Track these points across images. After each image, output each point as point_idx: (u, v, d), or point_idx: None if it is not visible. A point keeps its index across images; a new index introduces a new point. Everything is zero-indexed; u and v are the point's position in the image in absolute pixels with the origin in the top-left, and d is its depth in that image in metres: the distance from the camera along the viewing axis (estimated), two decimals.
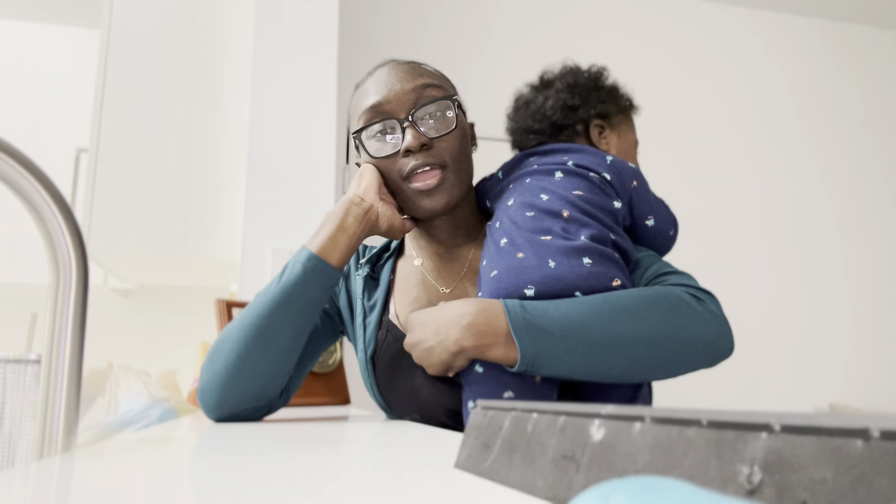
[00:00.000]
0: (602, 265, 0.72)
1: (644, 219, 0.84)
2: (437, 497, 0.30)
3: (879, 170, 3.06)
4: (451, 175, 0.81)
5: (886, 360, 2.86)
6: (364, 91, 0.85)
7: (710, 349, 0.71)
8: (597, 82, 0.94)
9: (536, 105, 0.93)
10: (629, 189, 0.83)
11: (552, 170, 0.83)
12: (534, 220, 0.76)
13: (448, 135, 0.81)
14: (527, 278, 0.71)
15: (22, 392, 0.74)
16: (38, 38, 2.38)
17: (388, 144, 0.82)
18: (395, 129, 0.81)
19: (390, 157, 0.81)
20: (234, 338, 0.75)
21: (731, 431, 0.20)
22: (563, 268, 0.70)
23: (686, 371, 0.72)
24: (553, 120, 0.91)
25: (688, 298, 0.72)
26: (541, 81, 0.97)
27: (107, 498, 0.30)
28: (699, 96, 2.89)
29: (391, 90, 0.81)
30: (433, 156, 0.80)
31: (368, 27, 2.52)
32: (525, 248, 0.73)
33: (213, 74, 1.78)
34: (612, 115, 0.93)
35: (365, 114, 0.82)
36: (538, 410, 0.30)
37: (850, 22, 3.15)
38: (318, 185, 1.60)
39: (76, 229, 0.55)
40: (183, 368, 1.73)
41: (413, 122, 0.80)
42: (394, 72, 0.84)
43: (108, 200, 1.65)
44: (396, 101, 0.81)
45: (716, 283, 2.70)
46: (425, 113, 0.81)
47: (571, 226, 0.74)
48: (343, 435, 0.59)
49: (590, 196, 0.78)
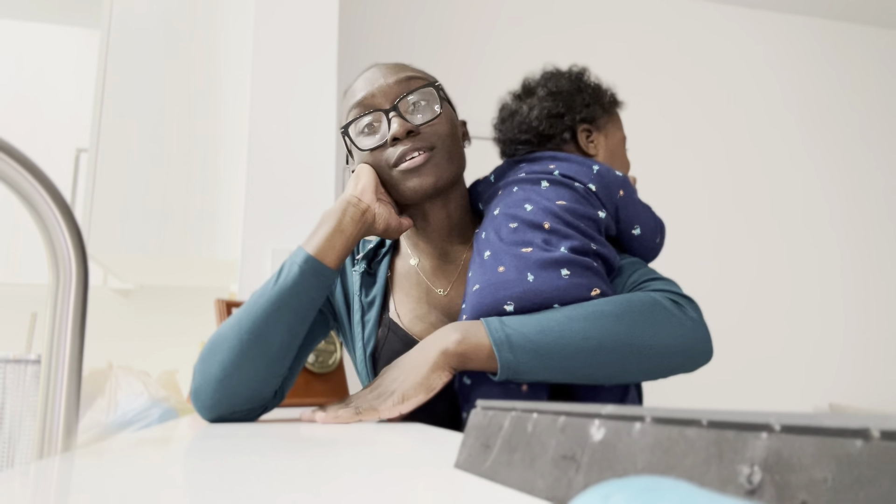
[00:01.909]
0: (581, 276, 0.73)
1: (630, 228, 0.86)
2: (437, 497, 0.30)
3: (880, 169, 3.06)
4: (439, 156, 0.82)
5: (886, 360, 2.86)
6: (351, 91, 0.86)
7: (687, 355, 0.73)
8: (579, 84, 0.93)
9: (521, 116, 0.93)
10: (615, 199, 0.84)
11: (538, 179, 0.84)
12: (515, 232, 0.78)
13: (434, 120, 0.82)
14: (506, 294, 0.73)
15: (22, 392, 0.74)
16: (38, 38, 2.38)
17: (376, 136, 0.83)
18: (380, 120, 0.83)
19: (379, 147, 0.82)
20: (230, 340, 0.75)
21: (731, 431, 0.20)
22: (542, 281, 0.72)
23: (665, 376, 0.74)
24: (540, 130, 0.92)
25: (667, 304, 0.73)
26: (523, 89, 0.97)
27: (107, 498, 0.30)
28: (699, 96, 2.89)
29: (375, 84, 0.83)
30: (420, 140, 0.81)
31: (368, 27, 2.52)
32: (506, 262, 0.75)
33: (212, 74, 1.78)
34: (597, 117, 0.93)
35: (352, 110, 0.84)
36: (538, 410, 0.30)
37: (850, 22, 3.15)
38: (318, 185, 1.60)
39: (76, 229, 0.55)
40: (183, 368, 1.72)
41: (398, 112, 0.81)
42: (378, 70, 0.86)
43: (108, 200, 1.65)
44: (381, 94, 0.82)
45: (716, 284, 2.71)
46: (410, 102, 0.83)
47: (552, 237, 0.76)
48: (343, 435, 0.59)
49: (574, 206, 0.80)
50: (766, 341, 2.73)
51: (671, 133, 2.81)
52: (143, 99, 1.72)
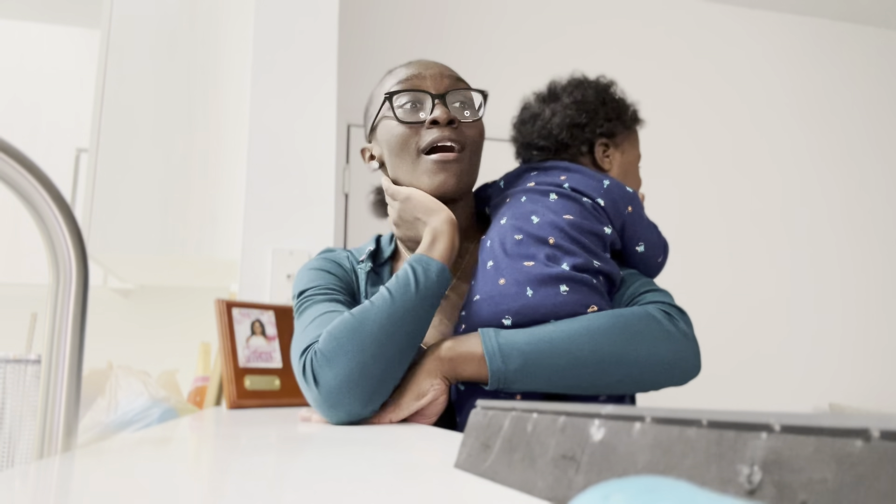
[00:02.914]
0: (579, 293, 0.75)
1: (635, 244, 0.87)
2: (437, 497, 0.30)
3: (879, 169, 3.06)
4: (466, 160, 0.84)
5: (886, 360, 2.86)
6: (397, 71, 0.88)
7: (676, 369, 0.75)
8: (604, 97, 0.93)
9: (543, 121, 0.93)
10: (623, 215, 0.85)
11: (547, 191, 0.85)
12: (520, 245, 0.79)
13: (474, 122, 0.85)
14: (505, 308, 0.74)
15: (22, 392, 0.74)
16: (38, 38, 2.38)
17: (416, 114, 0.84)
18: (424, 102, 0.84)
19: (414, 125, 0.83)
20: (375, 337, 0.70)
21: (731, 431, 0.20)
22: (540, 296, 0.74)
23: (655, 388, 0.76)
24: (559, 139, 0.92)
25: (660, 317, 0.75)
26: (549, 92, 0.97)
27: (107, 498, 0.30)
28: (699, 96, 2.89)
29: (428, 69, 0.86)
30: (457, 134, 0.83)
31: (369, 27, 2.52)
32: (506, 274, 0.77)
33: (213, 74, 1.78)
34: (617, 133, 0.93)
35: (401, 82, 0.85)
36: (538, 410, 0.30)
37: (850, 22, 3.15)
38: (318, 185, 1.60)
39: (76, 229, 0.55)
40: (183, 368, 1.73)
41: (444, 100, 0.83)
42: (431, 61, 0.88)
43: (108, 200, 1.65)
44: (432, 79, 0.85)
45: (715, 284, 2.71)
46: (457, 97, 0.85)
47: (556, 252, 0.77)
48: (343, 435, 0.59)
49: (580, 221, 0.81)
50: (765, 341, 2.73)
51: (669, 131, 2.80)
52: (143, 99, 1.72)
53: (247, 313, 1.18)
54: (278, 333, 1.21)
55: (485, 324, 0.75)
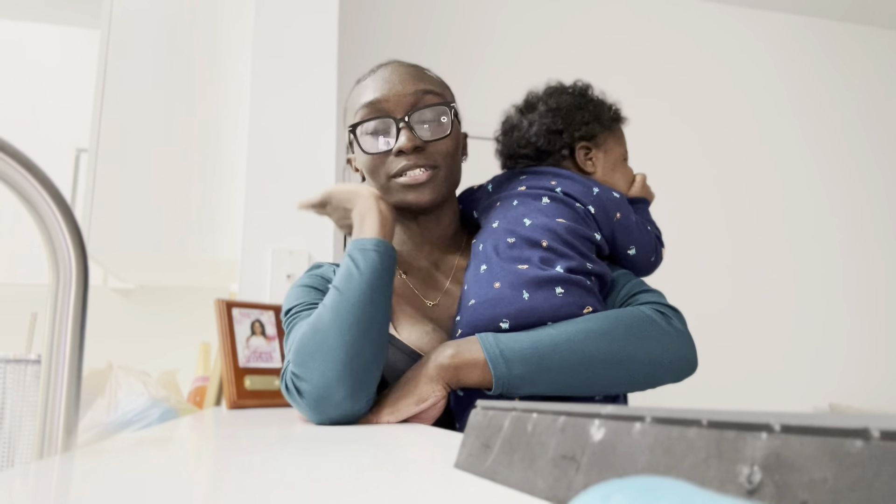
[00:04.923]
0: (574, 294, 0.75)
1: (626, 249, 0.88)
2: (437, 497, 0.30)
3: (879, 170, 3.06)
4: (440, 175, 0.83)
5: (886, 360, 2.86)
6: (364, 87, 0.85)
7: (673, 367, 0.76)
8: (580, 101, 0.94)
9: (521, 131, 0.94)
10: (612, 223, 0.86)
11: (540, 195, 0.85)
12: (513, 248, 0.79)
13: (442, 140, 0.83)
14: (502, 311, 0.74)
15: (22, 392, 0.74)
16: (38, 38, 2.38)
17: (382, 142, 0.83)
18: (389, 128, 0.82)
19: (382, 154, 0.82)
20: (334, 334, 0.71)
21: (731, 431, 0.20)
22: (536, 299, 0.74)
23: (653, 387, 0.77)
24: (538, 146, 0.92)
25: (655, 316, 0.76)
26: (525, 103, 0.97)
27: (107, 498, 0.30)
28: (699, 96, 2.89)
29: (391, 90, 0.82)
30: (424, 157, 0.82)
31: (369, 27, 2.52)
32: (501, 278, 0.77)
33: (213, 74, 1.78)
34: (596, 134, 0.93)
35: (363, 109, 0.83)
36: (538, 410, 0.30)
37: (850, 22, 3.15)
38: (318, 185, 1.60)
39: (76, 229, 0.55)
40: (183, 368, 1.72)
41: (409, 124, 0.81)
42: (396, 72, 0.84)
43: (108, 200, 1.65)
44: (395, 101, 0.82)
45: (715, 284, 2.71)
46: (421, 117, 0.83)
47: (550, 255, 0.78)
48: (343, 435, 0.59)
49: (573, 225, 0.81)
50: (765, 341, 2.73)
51: (669, 131, 2.80)
52: (143, 99, 1.72)
53: (247, 313, 1.18)
54: (278, 333, 1.21)
55: (482, 327, 0.75)
